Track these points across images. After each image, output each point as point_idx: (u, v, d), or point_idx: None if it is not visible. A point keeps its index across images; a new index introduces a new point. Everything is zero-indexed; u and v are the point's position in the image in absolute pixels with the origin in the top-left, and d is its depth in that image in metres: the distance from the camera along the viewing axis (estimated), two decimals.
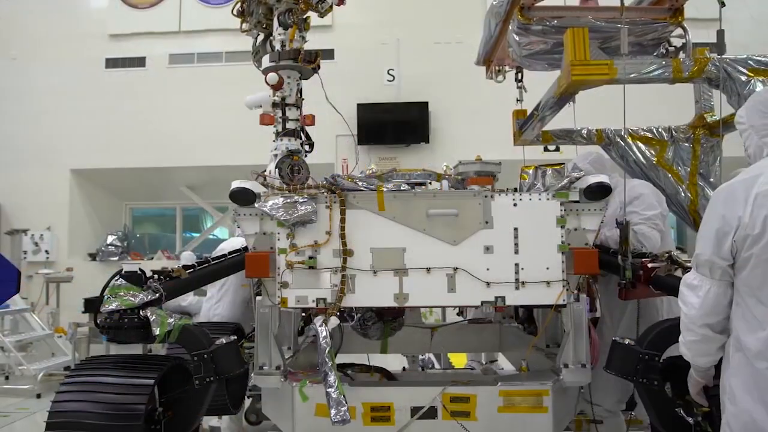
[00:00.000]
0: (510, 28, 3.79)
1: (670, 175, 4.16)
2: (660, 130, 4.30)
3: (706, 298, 2.08)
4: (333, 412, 2.66)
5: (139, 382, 2.71)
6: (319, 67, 3.53)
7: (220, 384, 3.09)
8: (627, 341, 2.85)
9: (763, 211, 1.93)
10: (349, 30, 9.98)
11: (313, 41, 3.66)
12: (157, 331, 2.84)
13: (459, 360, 5.41)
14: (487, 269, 2.96)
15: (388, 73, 10.18)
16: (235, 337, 3.05)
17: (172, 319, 2.90)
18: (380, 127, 9.84)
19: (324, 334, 2.81)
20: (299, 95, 3.52)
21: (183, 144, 10.09)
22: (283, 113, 3.43)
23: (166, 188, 11.25)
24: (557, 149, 4.78)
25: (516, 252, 2.97)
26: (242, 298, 4.63)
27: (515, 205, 3.01)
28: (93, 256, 10.49)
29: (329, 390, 2.70)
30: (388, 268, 2.96)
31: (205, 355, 2.87)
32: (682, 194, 4.09)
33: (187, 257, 6.03)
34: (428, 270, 2.96)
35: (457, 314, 4.78)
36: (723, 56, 3.38)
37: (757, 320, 1.95)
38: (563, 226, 2.98)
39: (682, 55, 3.78)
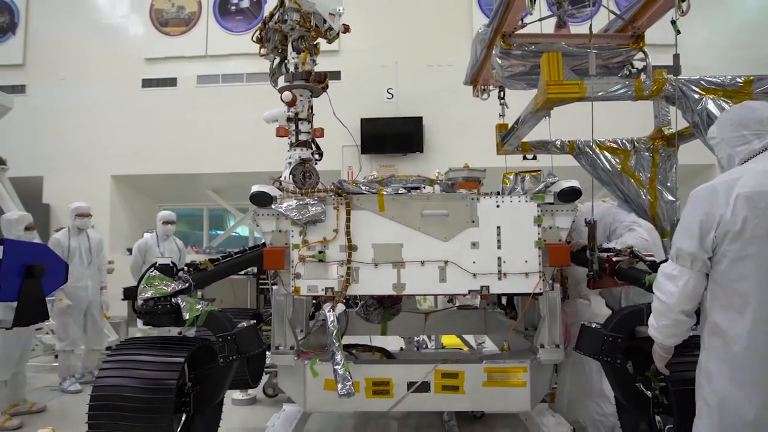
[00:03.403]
0: (493, 52, 3.79)
1: (632, 181, 4.16)
2: (624, 141, 4.30)
3: (685, 287, 2.02)
4: (340, 386, 2.67)
5: (171, 360, 2.71)
6: (327, 87, 3.54)
7: (242, 362, 3.11)
8: (594, 325, 2.84)
9: (743, 212, 1.88)
10: (353, 54, 9.97)
11: (322, 64, 3.67)
12: (186, 316, 2.84)
13: (450, 341, 5.41)
14: (474, 262, 2.97)
15: (388, 92, 10.17)
16: (255, 321, 3.06)
17: (200, 306, 2.90)
18: (381, 138, 9.83)
19: (332, 318, 2.82)
20: (310, 111, 3.53)
21: (209, 153, 10.09)
22: (296, 127, 3.44)
23: (194, 191, 11.25)
24: (534, 158, 4.79)
25: (499, 247, 2.97)
26: None
27: (498, 206, 3.02)
28: (131, 251, 10.46)
29: (336, 367, 2.72)
30: (388, 261, 2.96)
31: (229, 337, 2.87)
32: (643, 197, 4.09)
33: None
34: (422, 263, 2.97)
35: (448, 301, 4.78)
36: (678, 77, 3.38)
37: (735, 309, 1.90)
38: (540, 224, 2.98)
39: (643, 76, 3.78)
